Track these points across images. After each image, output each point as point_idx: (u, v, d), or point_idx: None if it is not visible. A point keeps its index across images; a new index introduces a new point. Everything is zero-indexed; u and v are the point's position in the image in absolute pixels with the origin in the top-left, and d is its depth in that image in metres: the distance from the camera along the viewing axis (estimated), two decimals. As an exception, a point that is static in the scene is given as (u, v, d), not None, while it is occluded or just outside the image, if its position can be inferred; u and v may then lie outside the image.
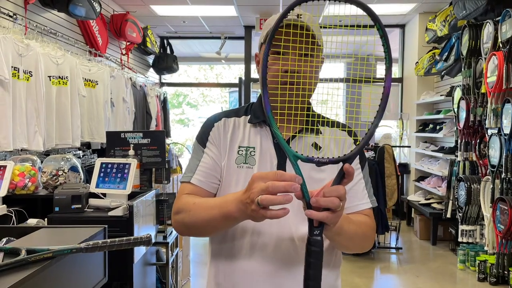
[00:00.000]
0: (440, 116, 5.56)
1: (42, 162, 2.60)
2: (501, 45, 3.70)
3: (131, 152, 2.61)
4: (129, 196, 2.26)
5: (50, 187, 2.45)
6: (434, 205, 5.43)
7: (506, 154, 3.58)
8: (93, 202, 2.23)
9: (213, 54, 8.49)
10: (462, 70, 4.49)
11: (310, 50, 1.07)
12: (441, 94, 5.63)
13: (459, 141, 4.55)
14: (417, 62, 6.13)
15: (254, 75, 7.34)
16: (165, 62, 7.13)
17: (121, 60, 5.77)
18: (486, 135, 4.01)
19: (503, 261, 3.66)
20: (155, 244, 2.70)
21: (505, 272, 3.67)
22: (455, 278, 4.28)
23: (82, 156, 4.01)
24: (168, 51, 7.32)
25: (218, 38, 7.60)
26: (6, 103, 3.00)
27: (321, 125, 1.18)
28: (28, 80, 3.23)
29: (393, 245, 5.12)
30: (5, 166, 2.27)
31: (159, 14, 6.38)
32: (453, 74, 5.14)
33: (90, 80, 4.20)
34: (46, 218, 2.12)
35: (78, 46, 4.46)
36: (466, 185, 4.20)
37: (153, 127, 6.11)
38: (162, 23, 6.89)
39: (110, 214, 2.12)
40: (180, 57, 7.55)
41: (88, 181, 2.83)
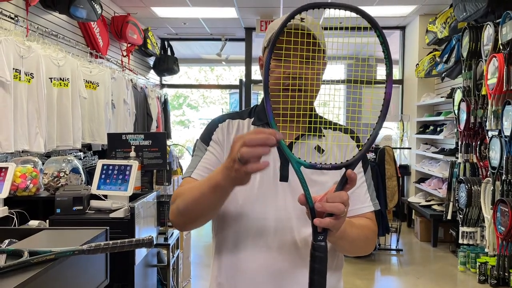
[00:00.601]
0: (440, 118, 5.56)
1: (43, 163, 2.60)
2: (501, 47, 3.70)
3: (132, 153, 2.61)
4: (130, 197, 2.26)
5: (51, 189, 2.45)
6: (435, 206, 5.43)
7: (506, 156, 3.58)
8: (94, 203, 2.23)
9: (213, 56, 8.51)
10: (463, 72, 4.50)
11: (313, 54, 1.08)
12: (441, 96, 5.64)
13: (460, 143, 4.55)
14: (417, 64, 6.14)
15: (254, 77, 7.34)
16: (165, 64, 7.15)
17: (122, 61, 5.78)
18: (487, 137, 4.01)
19: (504, 263, 3.66)
20: (156, 245, 2.70)
21: (505, 274, 3.67)
22: (456, 280, 4.28)
23: (83, 157, 4.02)
24: (168, 53, 7.33)
25: (219, 39, 7.61)
26: (8, 105, 3.01)
27: (324, 127, 1.18)
28: (29, 81, 3.24)
29: (393, 246, 5.12)
30: (6, 168, 2.28)
31: (160, 15, 6.39)
32: (453, 76, 5.14)
33: (91, 81, 4.21)
34: (47, 220, 2.13)
35: (79, 48, 4.47)
36: (466, 187, 4.20)
37: (153, 129, 6.11)
38: (163, 25, 6.90)
39: (112, 215, 2.12)
40: (180, 58, 7.56)
41: (89, 182, 2.84)
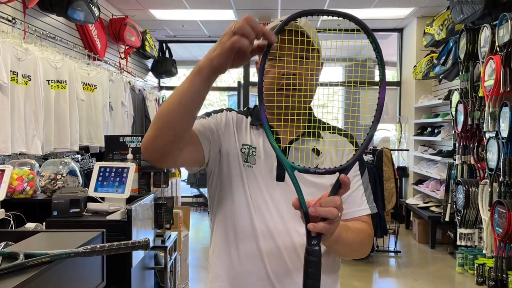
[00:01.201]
0: (438, 119, 5.57)
1: (40, 166, 2.60)
2: (498, 49, 3.71)
3: (130, 156, 2.61)
4: (127, 200, 2.26)
5: (48, 191, 2.45)
6: (433, 208, 5.44)
7: (503, 158, 3.58)
8: (91, 206, 2.23)
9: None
10: (460, 73, 4.51)
11: (306, 52, 1.08)
12: (439, 98, 5.65)
13: (457, 144, 4.56)
14: (415, 66, 6.15)
15: (252, 79, 7.35)
16: (164, 66, 7.14)
17: (119, 64, 5.78)
18: (484, 139, 4.01)
19: (502, 264, 3.66)
20: (154, 248, 2.69)
21: (503, 275, 3.67)
22: (454, 281, 4.28)
23: (80, 160, 4.02)
24: (167, 55, 7.33)
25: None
26: (5, 107, 3.00)
27: (321, 130, 1.18)
28: (26, 84, 3.23)
29: (391, 248, 5.12)
30: (3, 170, 2.27)
31: (158, 18, 6.39)
32: (451, 78, 5.15)
33: (88, 84, 4.21)
34: (44, 222, 2.12)
35: (76, 50, 4.47)
36: (464, 188, 4.21)
37: (151, 131, 6.10)
38: (161, 27, 6.90)
39: (109, 218, 2.12)
40: (179, 60, 7.56)
41: (86, 185, 2.83)
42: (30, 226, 2.06)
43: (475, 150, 4.27)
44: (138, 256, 2.26)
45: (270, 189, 1.14)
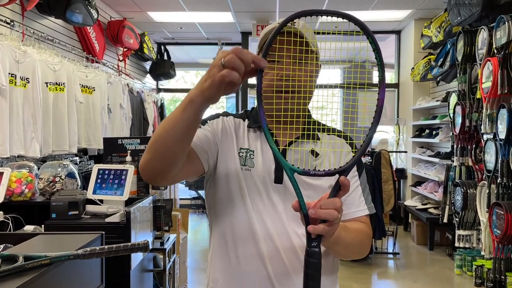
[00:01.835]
0: (436, 121, 5.58)
1: (39, 168, 2.59)
2: (495, 51, 3.72)
3: (128, 158, 2.61)
4: (126, 202, 2.26)
5: (47, 194, 2.45)
6: (431, 210, 5.44)
7: (501, 159, 3.59)
8: (90, 208, 2.23)
9: (210, 60, 8.51)
10: (458, 75, 4.52)
11: (304, 54, 1.08)
12: (437, 100, 5.66)
13: (455, 146, 4.57)
14: (413, 68, 6.17)
15: (251, 81, 7.35)
16: (162, 68, 7.15)
17: (118, 66, 5.78)
18: (482, 140, 4.02)
19: (500, 266, 3.66)
20: (152, 250, 2.69)
21: (502, 277, 3.67)
22: (452, 283, 4.28)
23: (79, 162, 4.01)
24: (165, 57, 7.34)
25: (215, 44, 7.63)
26: (3, 110, 3.00)
27: (319, 131, 1.19)
28: (25, 86, 3.23)
29: (390, 250, 5.13)
30: (2, 173, 2.27)
31: (156, 20, 6.40)
32: (448, 80, 5.17)
33: (87, 86, 4.20)
34: (43, 225, 2.12)
35: (75, 52, 4.47)
36: (462, 190, 4.22)
37: (150, 133, 6.10)
38: (159, 29, 6.91)
39: (107, 220, 2.12)
40: (177, 63, 7.57)
41: (85, 187, 2.83)
42: (28, 228, 2.05)
43: (473, 151, 4.28)
44: (137, 258, 2.25)
45: (269, 191, 1.14)
